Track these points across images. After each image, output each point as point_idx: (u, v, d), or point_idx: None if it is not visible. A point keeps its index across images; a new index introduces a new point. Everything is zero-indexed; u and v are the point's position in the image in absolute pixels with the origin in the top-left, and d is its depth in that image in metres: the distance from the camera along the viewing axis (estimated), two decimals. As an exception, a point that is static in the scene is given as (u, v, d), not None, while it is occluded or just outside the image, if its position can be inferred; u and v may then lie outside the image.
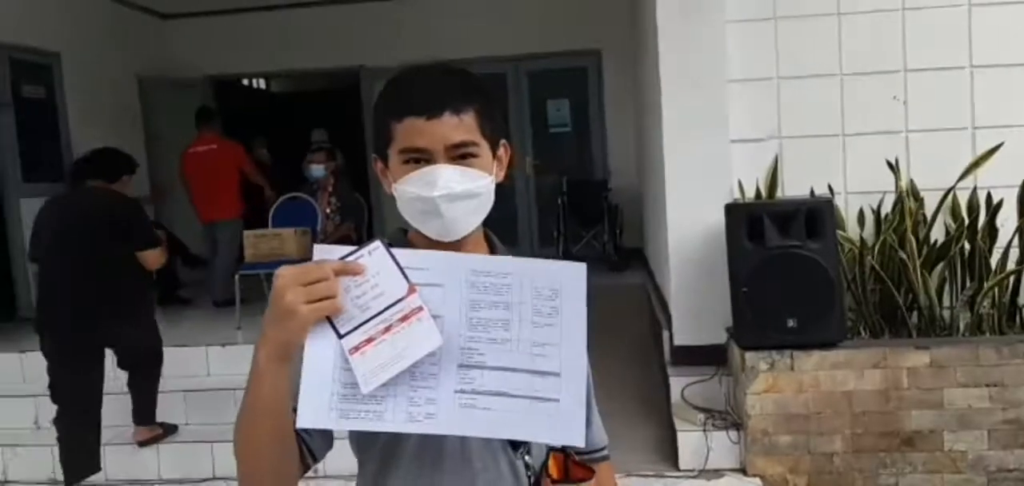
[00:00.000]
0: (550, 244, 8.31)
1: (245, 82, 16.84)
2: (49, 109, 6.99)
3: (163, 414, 4.67)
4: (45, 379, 4.27)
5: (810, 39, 4.67)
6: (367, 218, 6.76)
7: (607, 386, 5.29)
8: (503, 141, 1.36)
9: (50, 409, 4.26)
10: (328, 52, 8.92)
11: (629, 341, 5.73)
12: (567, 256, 7.64)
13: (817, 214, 4.02)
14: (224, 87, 10.45)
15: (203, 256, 7.39)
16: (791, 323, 3.98)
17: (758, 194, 4.59)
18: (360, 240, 6.78)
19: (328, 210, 6.40)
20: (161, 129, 8.39)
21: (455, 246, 1.25)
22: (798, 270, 3.97)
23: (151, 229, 4.37)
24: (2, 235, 6.56)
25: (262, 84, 17.25)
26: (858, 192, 4.59)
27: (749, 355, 4.03)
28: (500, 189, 1.35)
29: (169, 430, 4.61)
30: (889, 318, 4.30)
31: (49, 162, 6.95)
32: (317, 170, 6.35)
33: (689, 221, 4.60)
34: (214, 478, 4.45)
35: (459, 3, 8.55)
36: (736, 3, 4.59)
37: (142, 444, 4.49)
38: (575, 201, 7.97)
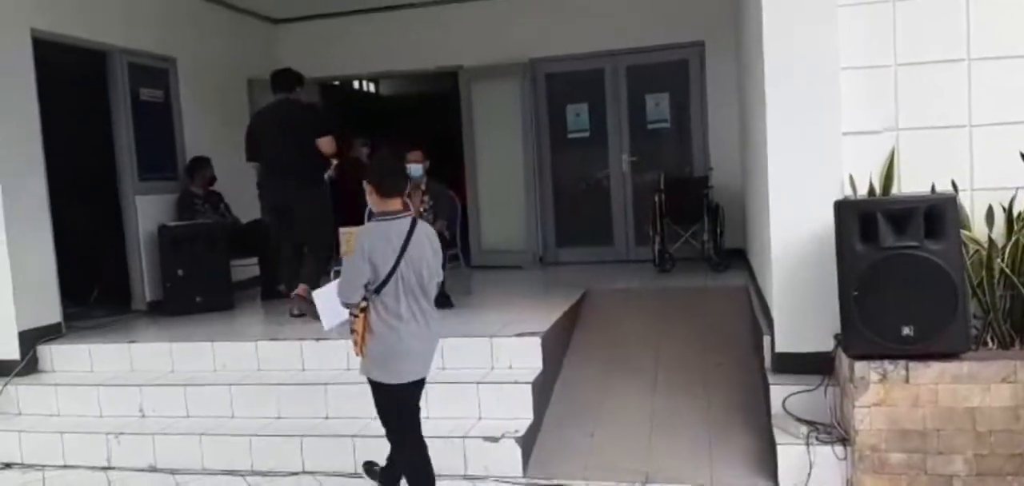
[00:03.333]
0: (645, 243, 8.07)
1: (356, 85, 17.60)
2: (164, 111, 7.36)
3: (253, 408, 4.83)
4: (151, 371, 5.27)
5: (932, 21, 4.30)
6: (461, 215, 6.74)
7: (703, 393, 5.13)
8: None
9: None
10: (428, 53, 8.99)
11: (728, 346, 5.45)
12: (663, 256, 7.41)
13: (938, 212, 3.67)
14: (331, 90, 10.82)
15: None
16: (907, 331, 3.66)
17: (871, 191, 4.24)
18: (454, 238, 6.82)
19: (422, 208, 6.41)
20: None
21: None
22: (916, 273, 3.65)
23: None
24: (119, 230, 6.93)
25: (371, 87, 17.92)
26: (987, 188, 4.17)
27: (859, 365, 3.73)
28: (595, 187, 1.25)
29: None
30: (1020, 327, 3.88)
31: (164, 162, 7.31)
32: (415, 169, 6.37)
33: (795, 219, 4.31)
34: (303, 472, 4.53)
35: (556, 0, 8.43)
36: (848, -16, 4.27)
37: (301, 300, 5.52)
38: (673, 199, 7.69)
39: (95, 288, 7.57)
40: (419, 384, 3.63)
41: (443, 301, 6.08)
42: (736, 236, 7.89)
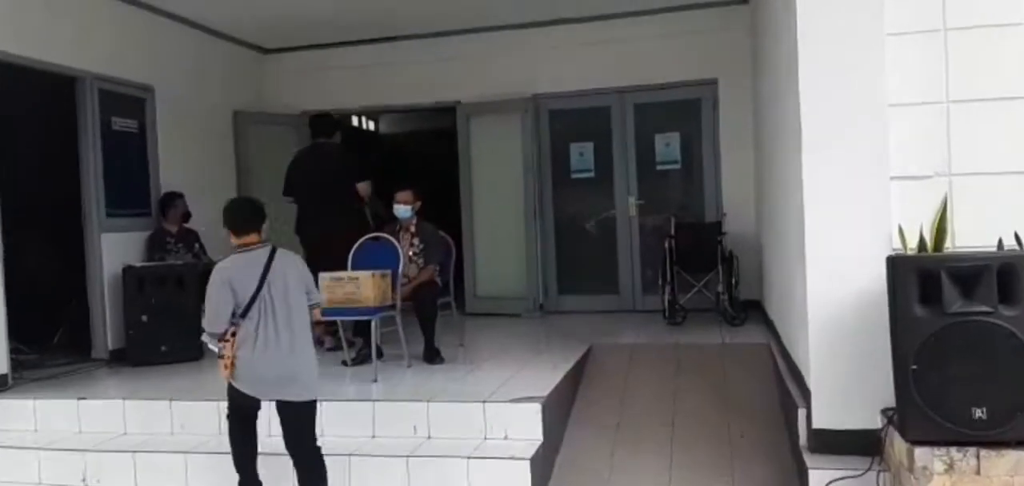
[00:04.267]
0: (653, 292, 7.49)
1: (355, 121, 17.21)
2: (138, 142, 6.83)
3: (210, 480, 4.26)
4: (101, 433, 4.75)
5: (988, 54, 3.78)
6: (455, 258, 6.16)
7: (729, 471, 4.50)
8: None
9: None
10: (425, 87, 8.51)
11: (753, 415, 4.85)
12: (674, 308, 6.84)
13: (1014, 272, 3.11)
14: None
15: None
16: (978, 414, 3.09)
17: (921, 244, 3.68)
18: (446, 284, 6.25)
19: (411, 252, 5.86)
20: (253, 163, 8.17)
21: None
22: (989, 345, 3.10)
23: None
24: (80, 271, 6.36)
25: (370, 124, 17.54)
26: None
27: (919, 451, 3.15)
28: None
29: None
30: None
31: (135, 197, 6.76)
32: (402, 210, 5.84)
33: (836, 275, 3.76)
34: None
35: (560, 33, 7.96)
36: (897, 12, 3.76)
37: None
38: (685, 246, 7.14)
39: (59, 331, 7.00)
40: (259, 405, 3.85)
41: (432, 355, 5.52)
42: (751, 286, 7.33)
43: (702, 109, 7.85)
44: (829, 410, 3.84)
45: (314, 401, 3.83)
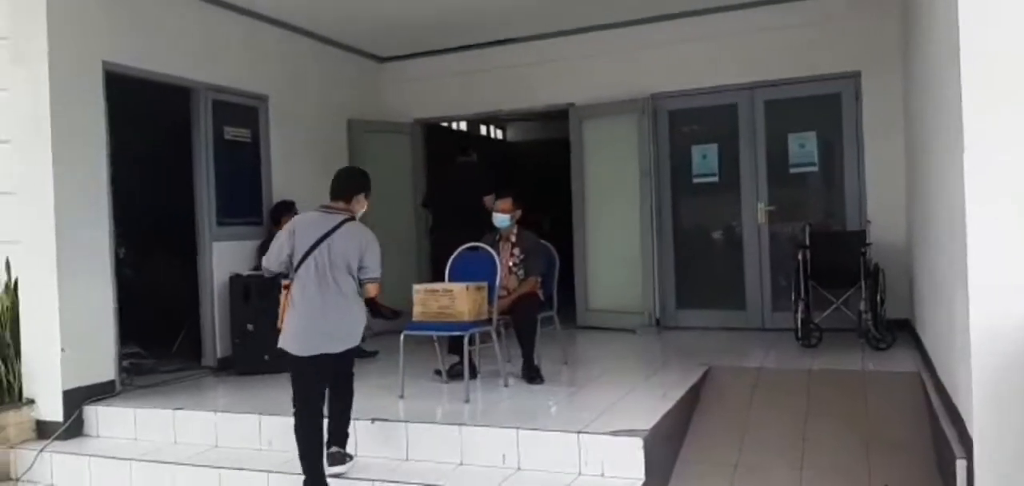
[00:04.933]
0: (784, 309, 6.74)
1: (483, 130, 17.26)
2: (251, 151, 6.89)
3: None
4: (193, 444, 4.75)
5: None
6: (558, 270, 5.74)
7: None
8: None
9: None
10: (538, 90, 8.18)
11: (898, 457, 4.13)
12: (808, 327, 6.09)
13: None
14: (451, 135, 10.14)
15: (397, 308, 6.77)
16: None
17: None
18: (550, 297, 5.85)
19: (511, 263, 5.50)
20: (367, 171, 8.08)
21: None
22: None
23: None
24: (193, 281, 6.46)
25: (498, 133, 17.54)
26: None
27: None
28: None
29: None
30: None
31: (247, 206, 6.83)
32: (500, 219, 5.49)
33: (1009, 301, 3.02)
34: None
35: (678, 27, 7.37)
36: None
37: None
38: (822, 258, 6.35)
39: (179, 337, 7.19)
40: (313, 363, 3.98)
41: (532, 374, 5.13)
42: (900, 304, 6.43)
43: (842, 105, 7.00)
44: (996, 467, 3.12)
45: (351, 350, 4.11)
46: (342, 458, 4.13)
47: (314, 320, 3.96)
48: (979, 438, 3.17)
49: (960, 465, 3.38)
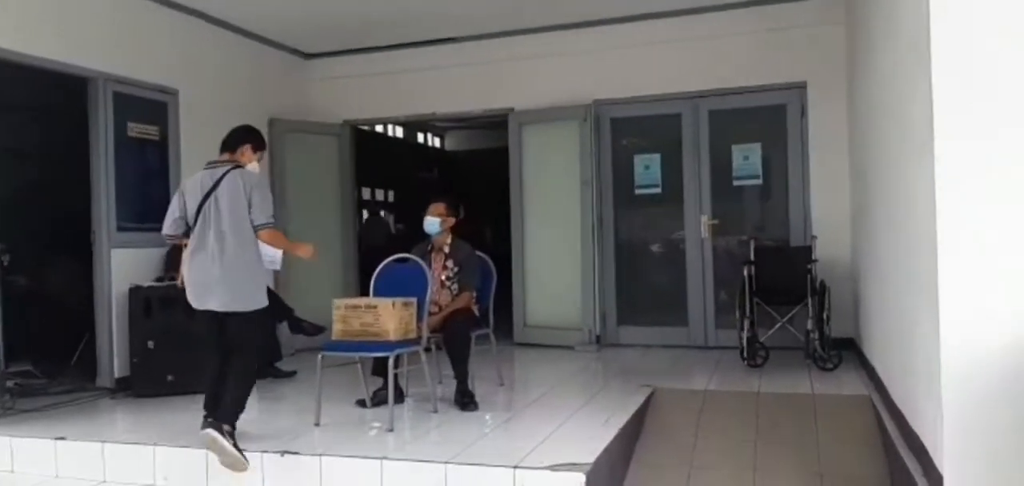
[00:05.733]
0: (728, 327, 6.51)
1: (421, 138, 16.79)
2: (159, 151, 6.28)
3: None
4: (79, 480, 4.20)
5: None
6: (495, 285, 5.34)
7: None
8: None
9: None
10: (476, 94, 7.80)
11: (855, 492, 3.86)
12: (754, 346, 5.84)
13: None
14: (388, 142, 9.62)
15: (319, 323, 6.25)
16: None
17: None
18: (485, 314, 5.45)
19: (443, 276, 5.07)
20: (291, 174, 7.59)
21: None
22: None
23: None
24: (84, 290, 5.83)
25: (436, 141, 17.12)
26: None
27: None
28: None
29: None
30: None
31: (153, 211, 6.18)
32: (430, 224, 5.07)
33: (989, 330, 2.77)
34: None
35: (622, 32, 7.09)
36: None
37: None
38: (767, 274, 6.13)
39: (77, 352, 6.50)
40: (204, 317, 4.08)
41: (465, 400, 4.70)
42: (845, 322, 6.26)
43: (788, 117, 6.83)
44: (972, 508, 2.85)
45: (244, 315, 4.04)
46: (217, 429, 3.84)
47: (203, 273, 4.02)
48: (951, 475, 2.90)
49: (927, 504, 3.12)
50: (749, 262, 6.18)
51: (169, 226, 4.14)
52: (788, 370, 5.67)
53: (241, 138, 4.25)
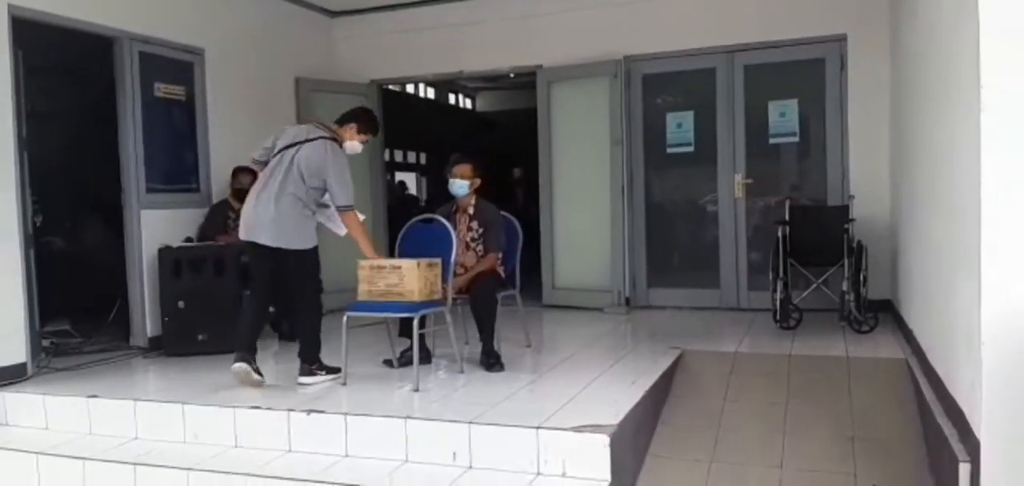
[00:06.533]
0: (761, 288, 6.37)
1: (452, 99, 16.65)
2: (185, 111, 6.29)
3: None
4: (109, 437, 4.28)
5: None
6: (521, 245, 5.27)
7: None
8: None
9: None
10: (503, 51, 7.66)
11: (887, 458, 3.76)
12: (787, 308, 5.71)
13: None
14: (419, 102, 9.40)
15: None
16: None
17: None
18: (511, 276, 5.39)
19: (468, 238, 5.01)
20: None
21: None
22: None
23: None
24: (119, 250, 5.89)
25: (467, 102, 16.97)
26: None
27: None
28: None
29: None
30: None
31: (181, 172, 6.25)
32: (457, 186, 5.00)
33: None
34: None
35: (655, -16, 6.89)
36: None
37: None
38: (802, 234, 5.96)
39: (114, 310, 6.61)
40: (259, 250, 4.40)
41: (490, 361, 4.67)
42: (882, 283, 6.09)
43: (826, 71, 6.59)
44: (1008, 474, 2.74)
45: (291, 252, 4.38)
46: (306, 372, 4.51)
47: (258, 211, 4.35)
48: (988, 440, 2.78)
49: (964, 469, 3.01)
50: (783, 222, 6.02)
51: (259, 151, 4.53)
52: (822, 332, 5.53)
53: (352, 116, 4.65)
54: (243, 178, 5.97)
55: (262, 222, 4.33)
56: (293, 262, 4.39)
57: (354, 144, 4.62)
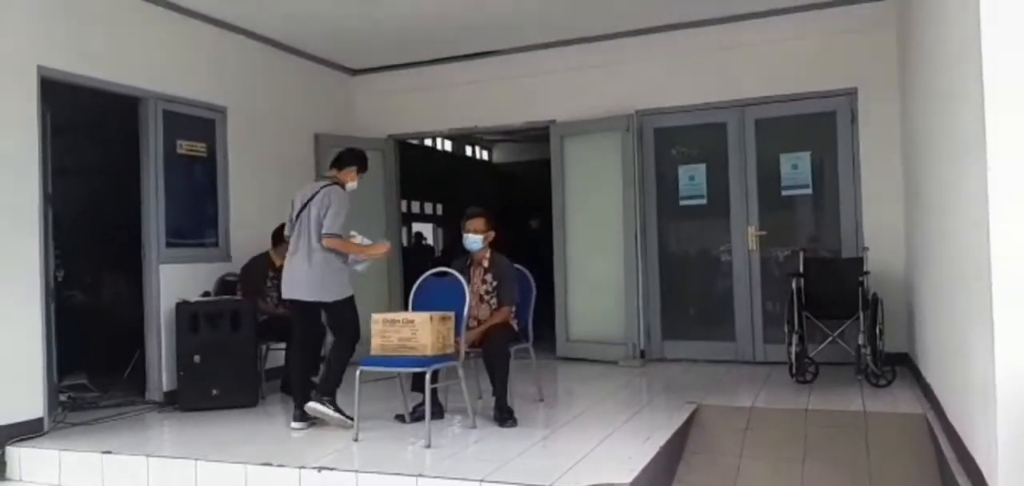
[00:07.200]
0: (777, 340, 6.33)
1: (469, 151, 16.84)
2: (206, 167, 6.42)
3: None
4: None
5: None
6: (533, 298, 5.28)
7: None
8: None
9: None
10: (517, 107, 7.79)
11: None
12: (803, 361, 5.67)
13: None
14: (436, 155, 9.48)
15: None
16: None
17: None
18: (524, 329, 5.40)
19: (483, 290, 5.04)
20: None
21: None
22: None
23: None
24: (137, 305, 5.97)
25: (484, 154, 17.15)
26: None
27: None
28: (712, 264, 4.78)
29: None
30: None
31: (201, 226, 6.35)
32: (472, 241, 5.04)
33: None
34: None
35: (664, 41, 6.99)
36: None
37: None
38: (817, 287, 5.94)
39: (131, 364, 6.66)
40: (298, 306, 4.82)
41: (503, 416, 4.66)
42: (899, 336, 6.04)
43: (837, 124, 6.63)
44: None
45: (325, 305, 4.78)
46: (317, 399, 4.68)
47: (294, 271, 4.76)
48: (1008, 502, 2.74)
49: (984, 532, 2.95)
50: (797, 274, 6.00)
51: (287, 228, 4.92)
52: (839, 386, 5.47)
53: (351, 160, 4.98)
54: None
55: (299, 280, 4.72)
56: (329, 312, 4.79)
57: (353, 184, 4.96)
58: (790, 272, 6.16)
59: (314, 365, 5.01)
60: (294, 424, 4.79)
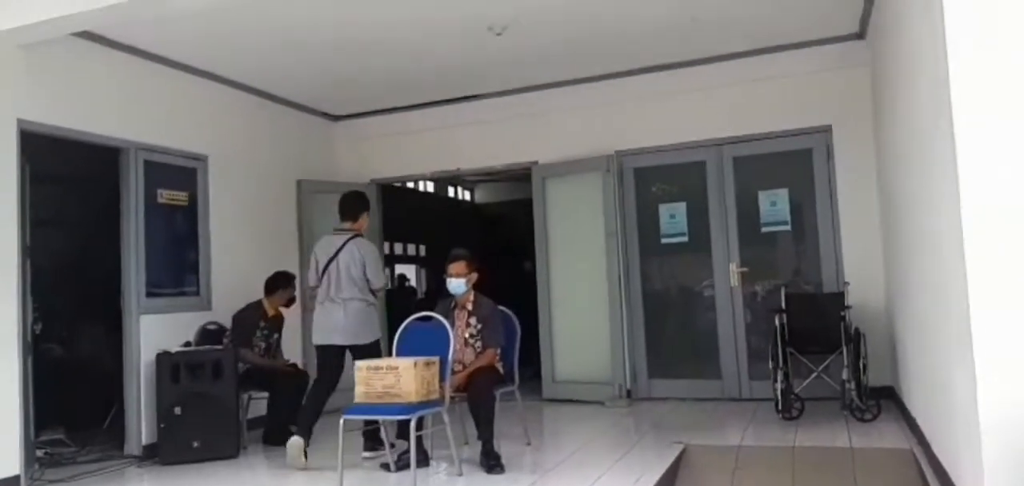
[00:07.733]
0: (762, 377, 6.34)
1: (451, 191, 16.89)
2: (188, 216, 6.38)
3: None
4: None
5: None
6: (519, 341, 5.27)
7: None
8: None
9: None
10: (499, 149, 7.83)
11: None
12: (788, 398, 5.67)
13: None
14: (422, 197, 9.47)
15: None
16: None
17: None
18: (510, 372, 5.37)
19: (467, 334, 5.02)
20: (319, 234, 7.57)
21: None
22: None
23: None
24: (117, 356, 5.88)
25: (466, 195, 17.21)
26: None
27: None
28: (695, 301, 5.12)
29: None
30: None
31: (181, 276, 6.29)
32: (455, 285, 5.03)
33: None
34: None
35: (643, 82, 7.08)
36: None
37: None
38: (799, 322, 5.97)
39: (110, 416, 6.54)
40: (329, 350, 5.25)
41: (490, 461, 4.60)
42: (882, 370, 6.07)
43: (814, 161, 6.72)
44: (1021, 572, 2.68)
45: (363, 345, 5.19)
46: (371, 447, 5.11)
47: (329, 319, 5.20)
48: (996, 538, 2.74)
49: (974, 568, 2.95)
50: (780, 310, 6.04)
51: (312, 279, 5.32)
52: (825, 422, 5.48)
53: (361, 207, 5.44)
54: (287, 286, 6.28)
55: (336, 326, 5.16)
56: (363, 352, 5.07)
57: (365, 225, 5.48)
58: (773, 308, 6.19)
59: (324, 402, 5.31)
60: (365, 453, 5.11)
